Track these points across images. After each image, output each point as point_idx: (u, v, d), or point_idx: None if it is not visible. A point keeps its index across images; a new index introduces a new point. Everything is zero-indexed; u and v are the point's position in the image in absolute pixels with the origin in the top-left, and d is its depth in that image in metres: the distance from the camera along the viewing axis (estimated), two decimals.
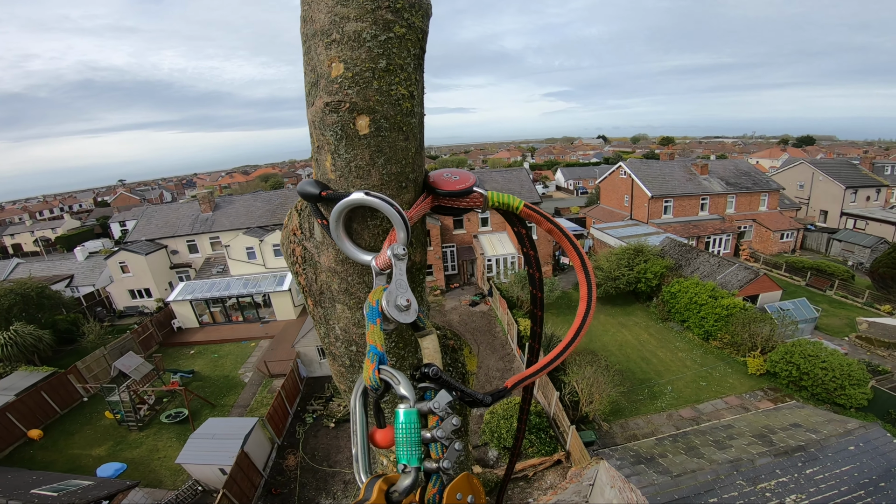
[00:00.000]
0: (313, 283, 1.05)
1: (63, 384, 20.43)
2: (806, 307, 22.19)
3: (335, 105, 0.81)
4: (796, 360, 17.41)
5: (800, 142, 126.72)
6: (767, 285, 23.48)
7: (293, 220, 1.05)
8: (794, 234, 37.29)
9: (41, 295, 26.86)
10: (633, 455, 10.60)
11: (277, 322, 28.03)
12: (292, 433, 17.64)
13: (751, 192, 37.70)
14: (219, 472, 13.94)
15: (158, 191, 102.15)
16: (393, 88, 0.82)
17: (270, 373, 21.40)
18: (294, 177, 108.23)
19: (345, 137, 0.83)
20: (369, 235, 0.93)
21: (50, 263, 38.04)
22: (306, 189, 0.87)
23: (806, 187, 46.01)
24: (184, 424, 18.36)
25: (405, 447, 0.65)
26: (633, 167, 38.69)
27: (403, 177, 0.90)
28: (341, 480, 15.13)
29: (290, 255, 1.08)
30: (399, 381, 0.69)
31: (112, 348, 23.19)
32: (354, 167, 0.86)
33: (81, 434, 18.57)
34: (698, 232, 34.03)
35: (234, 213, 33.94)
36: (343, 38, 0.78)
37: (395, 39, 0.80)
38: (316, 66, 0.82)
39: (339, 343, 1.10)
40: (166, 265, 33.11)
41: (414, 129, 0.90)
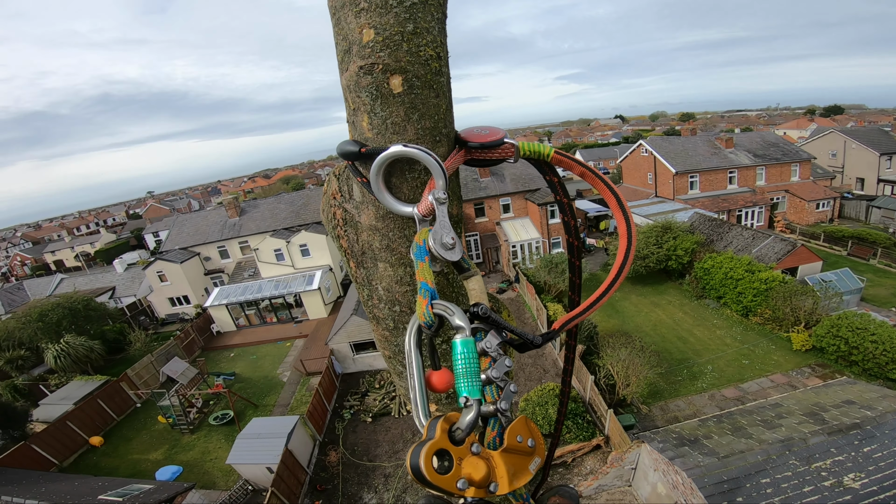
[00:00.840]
0: (355, 243, 1.09)
1: (117, 391, 21.32)
2: (850, 277, 21.21)
3: (369, 67, 0.86)
4: (844, 334, 16.48)
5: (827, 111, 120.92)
6: (806, 256, 22.48)
7: (332, 184, 1.10)
8: (830, 203, 35.75)
9: (87, 307, 28.02)
10: (675, 437, 10.39)
11: (310, 321, 28.63)
12: (332, 429, 18.05)
13: (780, 162, 36.31)
14: (266, 470, 14.34)
15: (186, 200, 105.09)
16: (421, 50, 0.87)
17: (307, 371, 21.93)
18: (314, 177, 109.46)
19: (380, 97, 0.88)
20: (408, 188, 0.97)
21: (92, 277, 39.67)
22: (346, 148, 0.92)
23: (839, 156, 44.06)
24: (230, 425, 19.00)
25: (465, 378, 0.64)
26: (655, 144, 37.77)
27: (437, 131, 0.95)
28: (381, 474, 15.40)
29: (332, 220, 1.11)
30: (453, 311, 0.69)
31: (158, 355, 24.11)
32: (391, 124, 0.91)
33: (138, 439, 19.40)
34: (728, 205, 33.00)
35: (260, 217, 34.62)
36: (371, 6, 0.83)
37: (420, 4, 0.85)
38: (347, 35, 0.88)
39: (382, 304, 1.13)
40: (201, 272, 34.14)
41: (443, 87, 0.95)
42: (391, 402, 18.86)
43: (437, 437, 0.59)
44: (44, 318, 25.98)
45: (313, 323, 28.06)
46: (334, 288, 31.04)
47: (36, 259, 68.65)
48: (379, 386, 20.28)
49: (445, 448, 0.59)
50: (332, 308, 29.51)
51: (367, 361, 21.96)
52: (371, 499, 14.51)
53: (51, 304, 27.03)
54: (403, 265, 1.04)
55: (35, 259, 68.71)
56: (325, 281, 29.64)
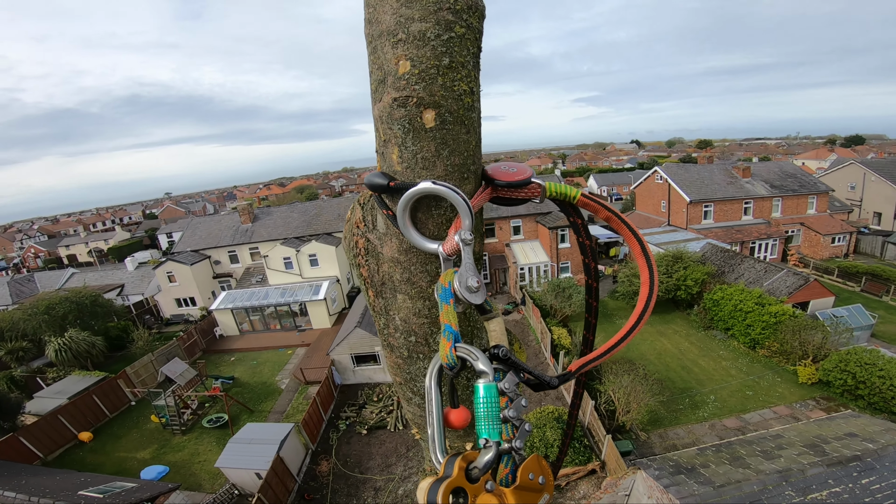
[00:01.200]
0: (375, 273, 1.08)
1: (113, 389, 21.38)
2: (861, 313, 21.01)
3: (403, 100, 0.86)
4: (851, 369, 16.50)
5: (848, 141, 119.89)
6: (819, 291, 22.27)
7: (356, 213, 1.09)
8: (846, 237, 35.16)
9: (95, 303, 28.37)
10: (672, 465, 10.22)
11: (313, 330, 28.65)
12: (326, 439, 17.90)
13: (798, 194, 35.87)
14: (255, 476, 14.23)
15: (202, 203, 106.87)
16: (455, 84, 0.87)
17: (306, 380, 21.86)
18: (328, 188, 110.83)
19: (412, 130, 0.88)
20: (433, 224, 0.96)
21: (103, 273, 40.30)
22: (374, 181, 0.91)
23: (857, 188, 43.43)
24: (224, 429, 18.91)
25: (486, 421, 0.66)
26: (670, 171, 37.58)
27: (465, 168, 0.94)
28: (372, 487, 15.19)
29: (353, 248, 1.11)
30: (477, 357, 0.71)
31: (159, 354, 24.25)
32: (421, 158, 0.90)
33: (128, 437, 19.36)
34: (742, 237, 32.62)
35: (272, 225, 35.00)
36: (409, 38, 0.83)
37: (456, 39, 0.85)
38: (383, 64, 0.87)
39: (398, 333, 1.13)
40: (210, 275, 34.46)
41: (474, 123, 0.94)
42: (388, 416, 18.69)
43: (454, 475, 0.61)
44: (50, 311, 26.30)
45: (316, 332, 28.08)
46: (340, 299, 31.10)
47: (50, 252, 70.02)
48: (377, 399, 20.12)
49: (462, 486, 0.60)
50: (336, 319, 29.52)
51: (367, 374, 21.84)
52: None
53: (59, 298, 27.37)
54: (422, 298, 1.04)
55: (49, 252, 70.09)
56: (332, 292, 29.73)
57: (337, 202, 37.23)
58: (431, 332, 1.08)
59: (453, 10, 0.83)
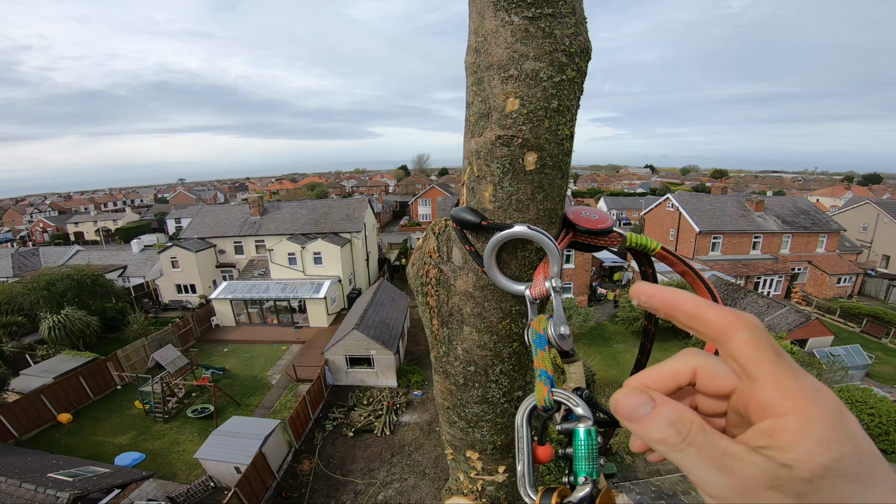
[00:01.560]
0: (444, 304, 1.07)
1: (101, 371, 21.13)
2: (858, 353, 21.66)
3: (508, 139, 0.84)
4: None
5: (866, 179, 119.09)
6: (818, 330, 22.76)
7: (430, 242, 1.07)
8: (852, 278, 34.92)
9: (95, 282, 28.42)
10: (654, 490, 10.13)
11: (310, 328, 28.64)
12: (311, 439, 17.76)
13: (809, 232, 35.56)
14: (234, 470, 14.09)
15: (213, 192, 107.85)
16: (560, 128, 0.85)
17: (298, 377, 21.78)
18: (338, 187, 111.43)
19: (511, 171, 0.86)
20: (516, 266, 0.95)
21: (107, 253, 40.61)
22: (464, 216, 0.91)
23: (869, 229, 43.07)
24: (208, 420, 18.75)
25: (585, 461, 0.68)
26: (682, 200, 37.37)
27: (555, 213, 0.94)
28: (352, 490, 15.07)
29: (423, 277, 1.10)
30: (577, 402, 0.73)
31: (153, 339, 24.08)
32: (515, 200, 0.89)
33: (109, 421, 19.09)
34: (748, 271, 32.34)
35: (281, 219, 35.12)
36: (521, 75, 0.81)
37: (567, 82, 0.83)
38: (488, 98, 0.85)
39: (457, 363, 1.12)
40: (213, 263, 34.59)
41: (568, 168, 0.94)
42: (376, 421, 18.56)
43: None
44: (50, 287, 26.26)
45: (313, 331, 28.06)
46: (340, 300, 31.10)
47: (58, 228, 70.74)
48: (367, 403, 20.00)
49: None
50: (334, 319, 29.51)
51: (360, 377, 21.75)
52: None
53: (60, 274, 27.39)
54: (490, 332, 1.04)
55: (57, 228, 70.82)
56: (332, 291, 29.74)
57: (346, 202, 37.34)
58: (492, 364, 1.08)
59: (567, 53, 0.82)
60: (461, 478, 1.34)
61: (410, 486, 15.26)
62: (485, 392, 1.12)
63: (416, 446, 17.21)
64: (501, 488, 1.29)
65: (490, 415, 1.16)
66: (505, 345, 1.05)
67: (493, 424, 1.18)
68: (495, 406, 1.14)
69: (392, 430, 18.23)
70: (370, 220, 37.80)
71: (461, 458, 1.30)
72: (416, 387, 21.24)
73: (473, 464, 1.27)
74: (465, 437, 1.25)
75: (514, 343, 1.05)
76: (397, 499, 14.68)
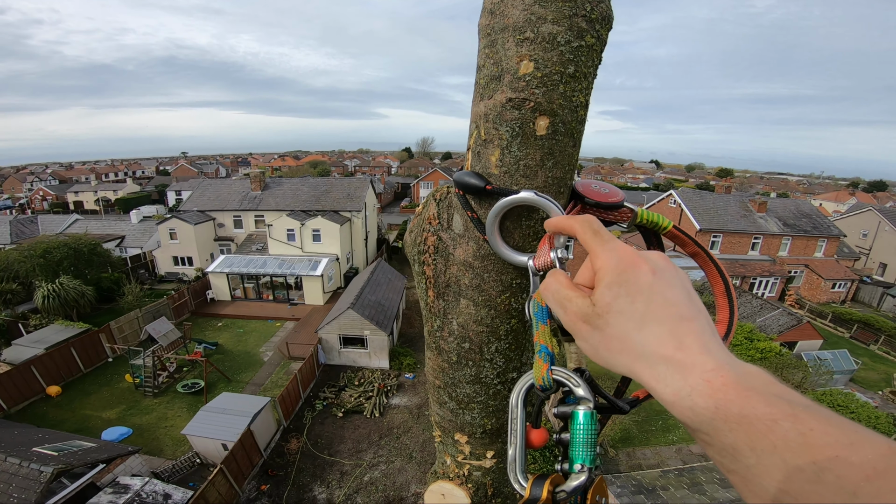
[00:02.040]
0: (441, 274, 1.03)
1: (93, 342, 20.89)
2: (845, 358, 22.02)
3: (519, 102, 0.82)
4: None
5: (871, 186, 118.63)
6: (809, 333, 23.12)
7: (430, 208, 1.04)
8: (847, 284, 35.08)
9: (92, 252, 28.30)
10: (634, 484, 10.34)
11: (305, 306, 28.72)
12: (300, 417, 17.88)
13: (809, 235, 35.53)
14: (221, 447, 14.14)
15: (215, 166, 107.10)
16: (575, 95, 0.83)
17: (290, 355, 21.89)
18: (341, 166, 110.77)
19: (521, 135, 0.84)
20: (520, 236, 0.92)
21: (106, 223, 40.52)
22: (468, 180, 0.88)
23: (869, 236, 43.05)
24: (198, 396, 18.74)
25: (583, 447, 0.66)
26: (685, 197, 37.23)
27: (563, 182, 0.91)
28: (339, 471, 15.22)
29: (420, 244, 1.06)
30: (578, 382, 0.70)
31: (147, 311, 23.97)
32: (523, 166, 0.86)
33: (98, 395, 18.96)
34: (745, 272, 32.37)
35: (281, 195, 34.94)
36: (537, 38, 0.79)
37: (585, 48, 0.81)
38: (501, 61, 0.83)
39: (451, 338, 1.09)
40: (211, 237, 34.53)
41: (580, 137, 0.91)
42: (366, 402, 18.71)
43: (544, 496, 0.63)
44: (47, 255, 26.07)
45: (308, 308, 28.14)
46: (336, 278, 31.15)
47: (58, 196, 70.54)
48: (358, 384, 20.14)
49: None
50: (329, 297, 29.60)
51: (353, 357, 21.85)
52: (321, 492, 14.35)
53: (57, 242, 27.19)
54: (488, 307, 1.01)
55: (57, 196, 70.62)
56: (330, 269, 29.77)
57: (348, 181, 37.13)
58: (487, 341, 1.05)
59: (588, 19, 0.80)
60: (448, 461, 1.33)
61: (397, 468, 15.41)
62: (478, 371, 1.09)
63: (405, 429, 17.36)
64: (488, 474, 1.27)
65: (482, 396, 1.13)
66: (503, 321, 1.01)
67: (485, 407, 1.15)
68: (488, 387, 1.11)
69: (381, 412, 18.37)
70: (371, 199, 37.70)
71: (449, 440, 1.28)
72: (407, 370, 21.35)
73: (461, 447, 1.25)
74: (454, 419, 1.23)
75: (512, 320, 1.02)
76: (383, 481, 14.82)
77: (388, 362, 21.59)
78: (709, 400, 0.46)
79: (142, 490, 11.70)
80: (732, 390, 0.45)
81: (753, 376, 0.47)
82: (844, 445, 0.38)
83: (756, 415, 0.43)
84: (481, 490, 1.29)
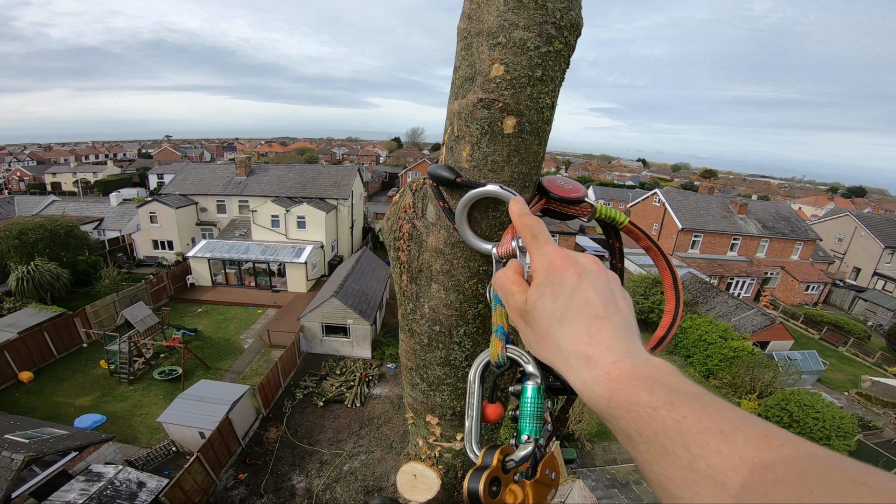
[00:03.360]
0: (414, 260, 1.09)
1: (68, 327, 20.28)
2: (814, 359, 22.67)
3: (489, 102, 0.87)
4: (791, 408, 17.86)
5: (850, 192, 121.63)
6: (781, 333, 23.70)
7: (406, 197, 1.10)
8: (820, 287, 36.14)
9: (69, 234, 27.49)
10: (609, 478, 10.57)
11: (288, 293, 28.49)
12: (280, 406, 17.77)
13: (786, 238, 36.40)
14: (198, 435, 13.94)
15: (200, 150, 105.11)
16: (541, 97, 0.89)
17: (271, 342, 21.72)
18: (329, 154, 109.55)
19: (489, 133, 0.90)
20: (487, 225, 0.98)
21: (84, 205, 39.57)
22: (440, 173, 0.94)
23: (845, 241, 44.23)
24: (175, 383, 18.41)
25: (530, 419, 0.71)
26: (669, 196, 37.79)
27: (529, 178, 0.97)
28: (318, 460, 15.20)
29: (396, 231, 1.12)
30: (528, 359, 0.74)
31: (124, 296, 23.43)
32: (491, 161, 0.92)
33: (71, 381, 18.47)
34: (723, 272, 33.04)
35: (267, 181, 34.50)
36: (509, 43, 0.84)
37: (553, 53, 0.86)
38: (474, 63, 0.88)
39: (423, 321, 1.15)
40: (193, 221, 33.98)
41: (546, 136, 0.97)
42: (347, 392, 18.69)
43: (494, 465, 0.66)
44: (22, 237, 25.27)
45: (290, 296, 27.92)
46: (321, 266, 30.95)
47: (35, 177, 68.54)
48: (340, 373, 20.10)
49: (498, 476, 0.67)
50: (313, 284, 29.43)
51: (335, 346, 21.78)
52: (300, 481, 14.32)
53: (33, 224, 26.36)
54: (457, 291, 1.07)
55: (34, 177, 68.60)
56: (314, 257, 29.55)
57: (335, 169, 36.77)
58: (456, 325, 1.11)
59: (557, 26, 0.84)
60: (420, 443, 1.38)
61: (377, 458, 15.44)
62: (448, 353, 1.14)
63: (386, 419, 17.39)
64: (458, 456, 1.32)
65: (451, 378, 1.19)
66: (470, 305, 1.07)
67: (454, 389, 1.21)
68: (457, 369, 1.17)
69: (363, 402, 18.38)
70: (358, 188, 37.44)
71: (421, 422, 1.33)
72: (389, 359, 21.36)
73: (433, 429, 1.30)
74: (425, 401, 1.28)
75: (479, 304, 1.07)
76: (363, 470, 14.84)
77: (371, 352, 21.58)
78: (605, 389, 0.50)
79: (115, 478, 11.51)
80: (625, 380, 0.49)
81: (650, 367, 0.51)
82: (714, 433, 0.40)
83: (640, 402, 0.46)
84: (451, 471, 1.33)
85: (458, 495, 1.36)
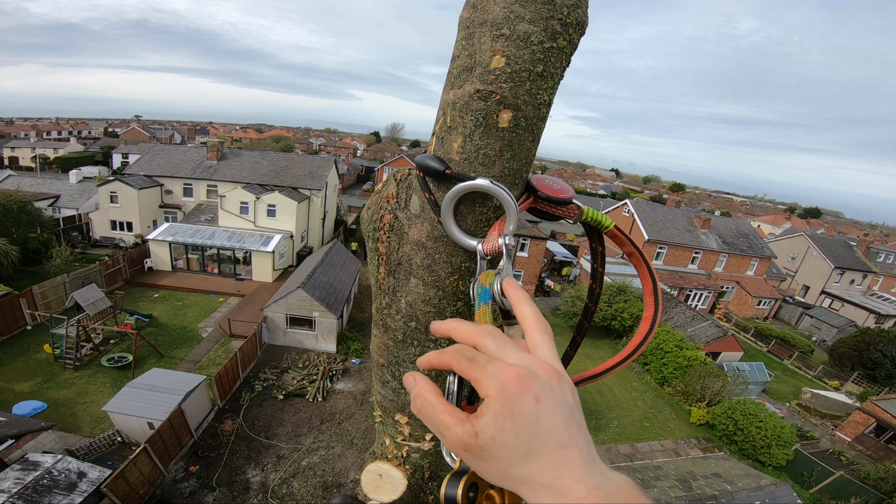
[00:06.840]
0: (394, 252, 1.06)
1: (12, 307, 19.22)
2: (761, 371, 23.77)
3: (486, 94, 0.85)
4: (736, 417, 18.63)
5: (806, 212, 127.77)
6: (731, 345, 24.77)
7: (390, 187, 1.06)
8: (771, 302, 37.97)
9: (22, 210, 26.22)
10: None
11: (252, 282, 27.88)
12: (237, 398, 17.36)
13: (744, 254, 37.96)
14: (147, 425, 13.47)
15: (171, 131, 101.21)
16: (540, 93, 0.87)
17: (231, 332, 21.20)
18: (306, 143, 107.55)
19: (483, 126, 0.88)
20: (472, 220, 0.96)
21: (41, 181, 37.58)
22: (429, 163, 0.91)
23: (798, 259, 46.45)
24: (124, 371, 17.69)
25: None
26: (638, 207, 38.80)
27: (519, 175, 0.95)
28: (275, 454, 14.95)
29: (377, 221, 1.09)
30: None
31: (75, 277, 22.33)
32: (482, 155, 0.90)
33: (12, 366, 17.52)
34: (683, 284, 34.20)
35: (239, 167, 33.66)
36: (512, 36, 0.82)
37: (556, 50, 0.85)
38: (475, 54, 0.86)
39: (398, 316, 1.11)
40: (156, 203, 32.82)
41: (540, 134, 0.95)
42: (309, 385, 18.44)
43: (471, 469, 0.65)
44: None
45: (255, 285, 27.33)
46: (289, 256, 30.44)
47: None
48: (303, 366, 19.80)
49: (475, 481, 0.65)
50: (279, 275, 28.89)
51: (299, 338, 21.46)
52: (255, 475, 14.04)
53: None
54: (436, 287, 1.04)
55: None
56: (282, 246, 29.04)
57: (311, 159, 36.13)
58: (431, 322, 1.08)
59: (563, 23, 0.83)
60: (387, 442, 1.35)
61: (336, 454, 15.27)
62: (423, 352, 1.10)
63: (348, 415, 17.23)
64: (427, 457, 1.29)
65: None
66: (450, 302, 1.04)
67: None
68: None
69: (325, 396, 18.16)
70: (333, 180, 36.97)
71: (389, 421, 1.30)
72: (354, 355, 21.20)
73: (401, 428, 1.27)
74: (396, 399, 1.25)
75: (458, 302, 1.05)
76: (322, 466, 14.66)
77: (336, 346, 21.37)
78: None
79: (53, 468, 11.00)
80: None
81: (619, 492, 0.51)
82: None
83: None
84: (419, 472, 1.30)
85: (424, 496, 1.32)
